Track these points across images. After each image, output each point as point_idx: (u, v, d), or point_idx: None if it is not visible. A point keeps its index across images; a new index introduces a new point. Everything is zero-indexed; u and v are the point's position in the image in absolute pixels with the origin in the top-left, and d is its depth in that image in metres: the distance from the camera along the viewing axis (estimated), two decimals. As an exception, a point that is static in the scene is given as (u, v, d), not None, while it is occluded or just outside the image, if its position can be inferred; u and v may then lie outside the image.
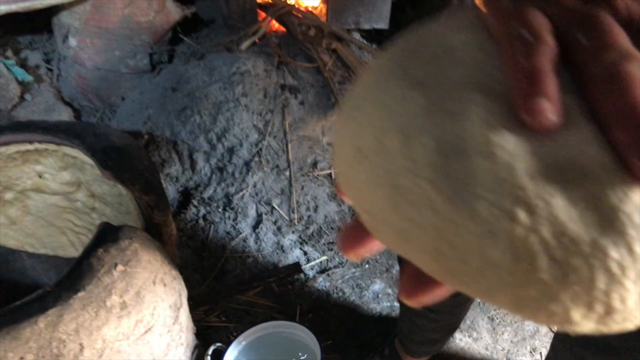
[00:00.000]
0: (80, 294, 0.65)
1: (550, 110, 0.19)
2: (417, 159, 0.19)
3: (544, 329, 1.29)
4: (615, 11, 0.21)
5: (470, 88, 0.20)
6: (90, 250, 0.72)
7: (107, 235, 0.76)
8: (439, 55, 0.22)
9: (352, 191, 0.23)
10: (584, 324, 0.19)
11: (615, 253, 0.17)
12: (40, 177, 1.11)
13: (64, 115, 1.59)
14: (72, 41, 1.61)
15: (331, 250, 1.39)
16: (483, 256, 0.18)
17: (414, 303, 0.22)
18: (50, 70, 1.73)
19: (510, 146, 0.19)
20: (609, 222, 0.18)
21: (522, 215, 0.18)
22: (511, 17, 0.21)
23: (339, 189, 0.25)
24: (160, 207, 1.03)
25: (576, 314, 0.18)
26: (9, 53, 1.59)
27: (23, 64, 1.68)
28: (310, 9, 1.78)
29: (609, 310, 0.18)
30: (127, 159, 0.96)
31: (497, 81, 0.21)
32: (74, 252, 1.21)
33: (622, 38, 0.20)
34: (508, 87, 0.20)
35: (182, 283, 0.94)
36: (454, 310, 0.96)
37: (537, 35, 0.20)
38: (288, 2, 1.68)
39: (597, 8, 0.21)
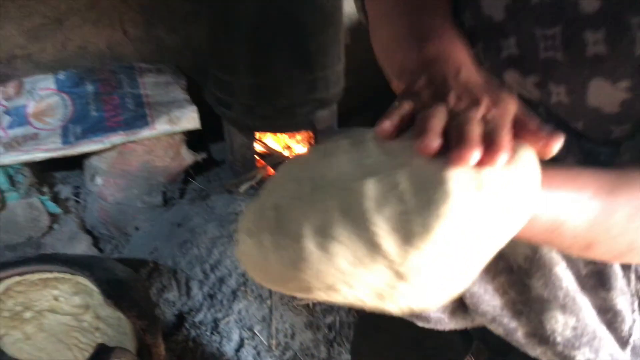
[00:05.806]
0: (74, 400, 0.84)
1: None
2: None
3: None
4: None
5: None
6: (86, 367, 0.92)
7: (100, 356, 0.96)
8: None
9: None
10: None
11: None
12: (55, 300, 1.32)
13: (84, 243, 1.85)
14: (99, 180, 1.91)
15: (304, 375, 1.54)
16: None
17: None
18: (78, 202, 2.02)
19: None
20: None
21: None
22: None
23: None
24: (152, 331, 1.23)
25: None
26: (45, 189, 1.89)
27: (55, 197, 1.97)
28: (302, 158, 2.07)
29: None
30: (126, 290, 1.18)
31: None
32: (77, 366, 1.39)
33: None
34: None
35: (162, 398, 1.12)
36: None
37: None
38: (283, 153, 1.99)
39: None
